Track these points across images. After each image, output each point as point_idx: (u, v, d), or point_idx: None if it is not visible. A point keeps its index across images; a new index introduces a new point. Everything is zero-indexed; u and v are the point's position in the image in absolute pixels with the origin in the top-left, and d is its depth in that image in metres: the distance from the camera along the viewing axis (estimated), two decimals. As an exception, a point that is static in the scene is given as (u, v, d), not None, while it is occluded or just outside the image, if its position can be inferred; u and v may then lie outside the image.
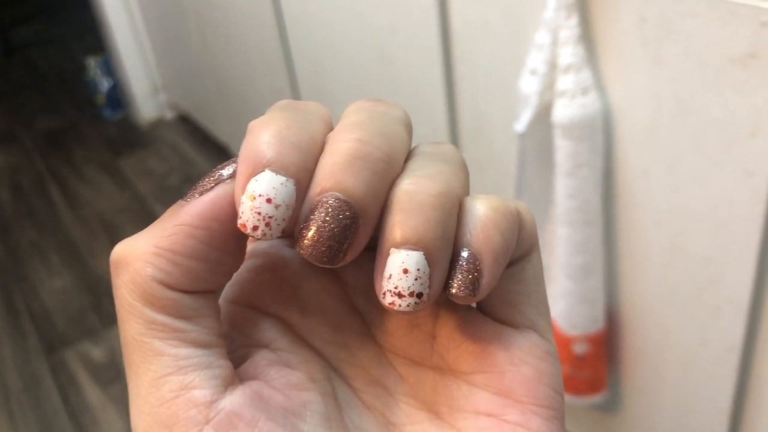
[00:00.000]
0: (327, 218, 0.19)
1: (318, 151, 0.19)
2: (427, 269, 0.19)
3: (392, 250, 0.19)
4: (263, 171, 0.18)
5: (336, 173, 0.19)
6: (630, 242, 0.76)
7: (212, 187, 0.19)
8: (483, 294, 0.20)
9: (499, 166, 0.87)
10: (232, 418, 0.19)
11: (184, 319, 0.19)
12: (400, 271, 0.19)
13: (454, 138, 0.95)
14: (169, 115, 2.30)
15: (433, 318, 0.22)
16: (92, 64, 2.36)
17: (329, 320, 0.23)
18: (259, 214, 0.18)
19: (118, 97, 2.35)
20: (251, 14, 1.41)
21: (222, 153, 1.99)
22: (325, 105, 0.22)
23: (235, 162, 0.20)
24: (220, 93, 1.80)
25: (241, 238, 0.20)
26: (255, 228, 0.19)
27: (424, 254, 0.19)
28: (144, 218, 1.85)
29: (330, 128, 0.21)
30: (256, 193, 0.18)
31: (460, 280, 0.19)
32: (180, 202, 0.20)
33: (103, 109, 2.38)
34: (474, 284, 0.19)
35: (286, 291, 0.23)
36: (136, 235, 0.20)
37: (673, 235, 0.70)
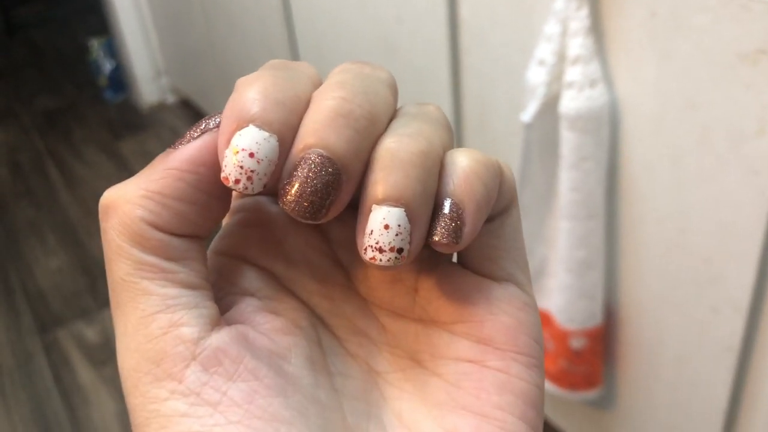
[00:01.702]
0: (310, 174, 0.19)
1: (302, 108, 0.20)
2: (408, 225, 0.19)
3: (373, 206, 0.19)
4: (247, 126, 0.19)
5: (319, 130, 0.19)
6: (631, 238, 0.75)
7: (199, 136, 0.20)
8: (465, 242, 0.20)
9: (503, 157, 0.86)
10: (218, 354, 0.19)
11: (172, 260, 0.20)
12: (381, 226, 0.19)
13: (459, 128, 0.94)
14: (171, 99, 2.29)
15: (415, 272, 0.23)
16: (95, 45, 2.35)
17: (314, 273, 0.23)
18: (241, 167, 0.19)
19: (120, 80, 2.34)
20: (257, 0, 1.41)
21: (222, 139, 1.98)
22: None
23: (218, 113, 0.20)
24: (223, 78, 1.79)
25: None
26: (237, 181, 0.19)
27: (404, 210, 0.19)
28: (142, 201, 1.84)
29: (317, 88, 0.21)
30: (239, 147, 0.19)
31: (443, 228, 0.20)
32: (167, 150, 0.20)
33: (104, 90, 2.37)
34: (457, 232, 0.20)
35: (271, 244, 0.23)
36: (124, 181, 0.20)
37: (674, 232, 0.70)
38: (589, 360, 0.83)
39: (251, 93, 0.19)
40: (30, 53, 2.84)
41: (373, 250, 0.19)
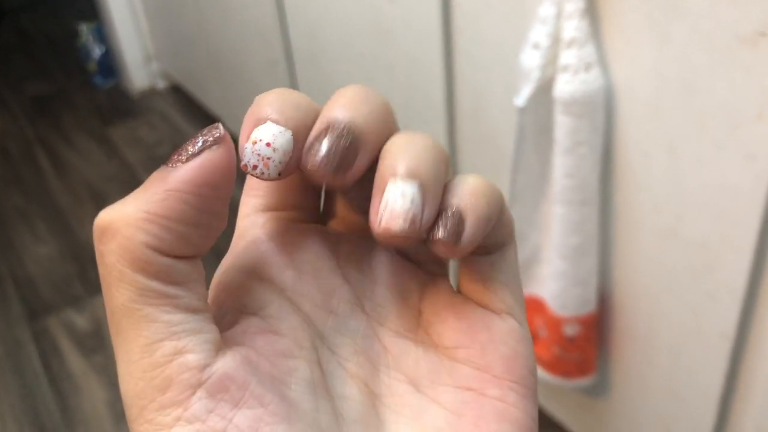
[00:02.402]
0: (334, 138, 0.21)
1: (315, 113, 0.22)
2: (421, 200, 0.20)
3: (390, 181, 0.21)
4: (265, 123, 0.20)
5: (338, 107, 0.21)
6: (626, 224, 0.75)
7: (199, 152, 0.20)
8: (464, 249, 0.21)
9: (496, 144, 0.86)
10: (224, 380, 0.19)
11: (176, 284, 0.20)
12: (397, 196, 0.20)
13: (451, 113, 0.93)
14: (161, 84, 2.27)
15: (419, 294, 0.24)
16: (84, 30, 2.32)
17: (322, 287, 0.23)
18: (258, 155, 0.20)
19: (110, 65, 2.32)
20: (248, -18, 1.39)
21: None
22: (319, 77, 0.24)
23: (216, 127, 0.21)
24: (213, 64, 1.77)
25: (226, 199, 0.21)
26: (254, 167, 0.20)
27: (419, 185, 0.20)
28: (132, 187, 1.78)
29: None
30: (257, 138, 0.20)
31: (446, 228, 0.21)
32: (164, 168, 0.20)
33: (94, 76, 2.34)
34: (458, 234, 0.21)
35: (283, 255, 0.23)
36: (120, 201, 0.20)
37: (670, 218, 0.69)
38: (583, 347, 0.83)
39: (268, 98, 0.21)
40: (18, 38, 2.81)
41: (387, 220, 0.20)
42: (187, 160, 0.20)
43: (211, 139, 0.20)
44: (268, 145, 0.20)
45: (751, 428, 0.72)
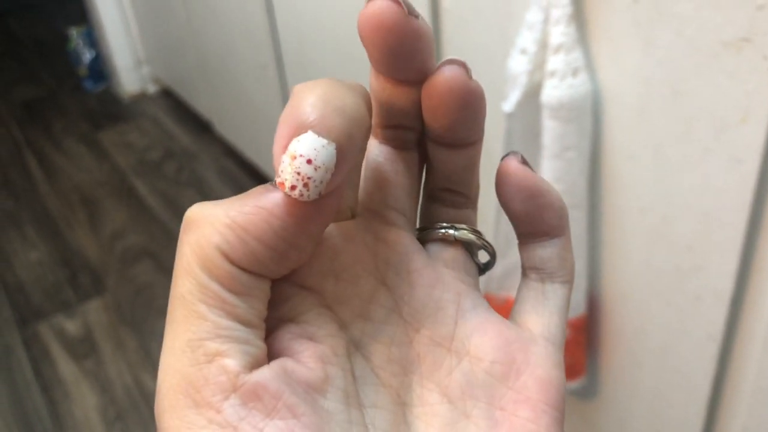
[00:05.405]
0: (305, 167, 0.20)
1: (361, 119, 0.20)
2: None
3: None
4: (306, 132, 0.19)
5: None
6: (613, 227, 0.75)
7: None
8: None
9: (485, 148, 0.86)
10: (257, 388, 0.19)
11: (234, 293, 0.20)
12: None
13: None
14: (152, 88, 2.27)
15: (457, 303, 0.24)
16: (74, 34, 2.32)
17: (360, 292, 0.23)
18: (298, 174, 0.19)
19: (100, 69, 2.31)
20: (237, -13, 1.39)
21: (204, 129, 1.97)
22: (310, 80, 0.21)
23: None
24: (203, 68, 1.77)
25: (314, 237, 0.21)
26: (293, 188, 0.19)
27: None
28: (123, 192, 1.82)
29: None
30: (296, 152, 0.19)
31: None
32: (269, 184, 0.20)
33: (84, 80, 2.34)
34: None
35: (324, 260, 0.23)
36: (216, 201, 0.20)
37: (657, 221, 0.70)
38: (572, 350, 0.83)
39: (311, 99, 0.19)
40: (7, 43, 2.80)
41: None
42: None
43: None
44: (309, 162, 0.19)
45: (738, 430, 0.73)
